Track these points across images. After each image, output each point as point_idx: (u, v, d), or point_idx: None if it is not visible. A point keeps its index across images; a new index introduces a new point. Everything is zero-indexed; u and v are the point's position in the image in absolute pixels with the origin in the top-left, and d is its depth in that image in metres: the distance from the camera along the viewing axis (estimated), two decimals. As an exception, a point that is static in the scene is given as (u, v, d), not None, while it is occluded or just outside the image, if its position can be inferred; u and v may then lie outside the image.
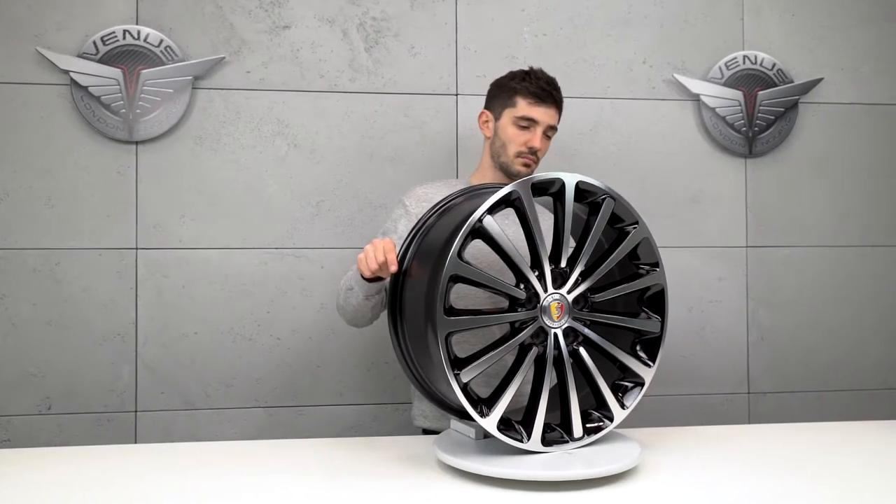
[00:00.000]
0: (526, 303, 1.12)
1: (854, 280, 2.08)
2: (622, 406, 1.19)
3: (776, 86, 2.04)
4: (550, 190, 1.17)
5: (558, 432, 1.15)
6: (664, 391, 2.01)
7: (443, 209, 1.25)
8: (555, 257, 1.13)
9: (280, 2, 1.89)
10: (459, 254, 1.07)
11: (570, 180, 1.14)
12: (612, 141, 2.00)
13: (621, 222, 1.22)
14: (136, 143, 1.83)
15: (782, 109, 2.04)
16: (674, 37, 2.03)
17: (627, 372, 1.22)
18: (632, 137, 2.01)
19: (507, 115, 1.49)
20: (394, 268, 1.19)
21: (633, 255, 1.24)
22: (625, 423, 1.94)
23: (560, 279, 1.15)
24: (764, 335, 2.05)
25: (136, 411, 1.83)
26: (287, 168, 1.89)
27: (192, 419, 1.85)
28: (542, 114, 1.47)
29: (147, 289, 1.84)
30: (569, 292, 1.13)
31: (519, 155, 1.47)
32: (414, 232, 1.23)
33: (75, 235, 1.81)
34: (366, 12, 1.92)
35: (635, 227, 1.20)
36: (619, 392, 1.21)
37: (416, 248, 1.23)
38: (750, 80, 2.03)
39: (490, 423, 1.07)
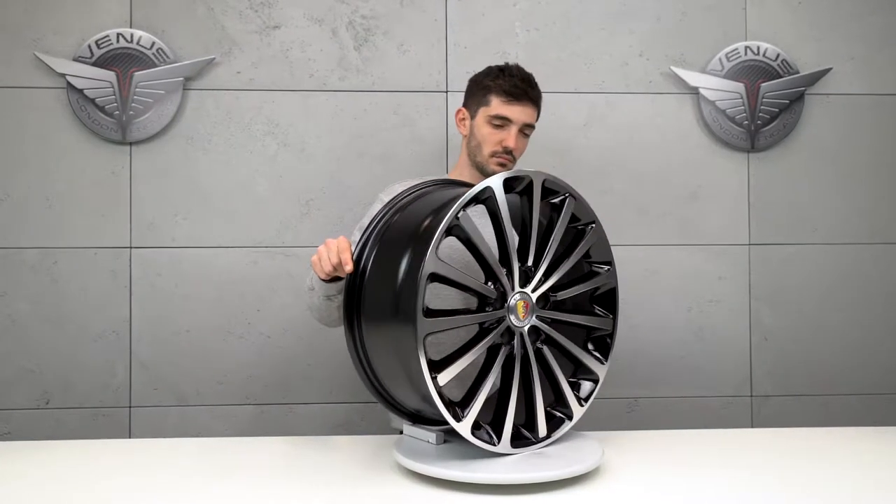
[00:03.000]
0: (495, 302, 1.10)
1: (863, 279, 1.99)
2: (580, 403, 1.18)
3: (780, 77, 1.96)
4: (517, 188, 1.14)
5: (524, 433, 1.13)
6: (662, 393, 1.96)
7: (398, 208, 1.23)
8: (521, 256, 1.11)
9: (270, 2, 1.90)
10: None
11: (538, 179, 1.12)
12: (606, 136, 1.96)
13: (577, 221, 1.20)
14: (130, 143, 1.87)
15: (787, 102, 1.96)
16: (672, 29, 1.97)
17: (581, 369, 1.21)
18: (627, 133, 1.96)
19: (482, 114, 1.46)
20: (349, 268, 1.16)
21: (586, 254, 1.23)
22: (617, 425, 1.91)
23: (524, 278, 1.13)
24: (767, 336, 1.98)
25: (130, 407, 1.87)
26: (277, 167, 1.90)
27: (184, 415, 1.88)
28: (517, 112, 1.44)
29: (141, 287, 1.87)
30: (533, 291, 1.11)
31: (494, 154, 1.45)
32: (370, 231, 1.21)
33: (72, 235, 1.86)
34: (355, 11, 1.92)
35: (592, 227, 1.19)
36: (575, 389, 1.20)
37: (374, 247, 1.20)
38: (752, 72, 1.96)
39: (464, 427, 1.05)
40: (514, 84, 1.43)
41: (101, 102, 1.84)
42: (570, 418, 1.17)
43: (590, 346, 1.23)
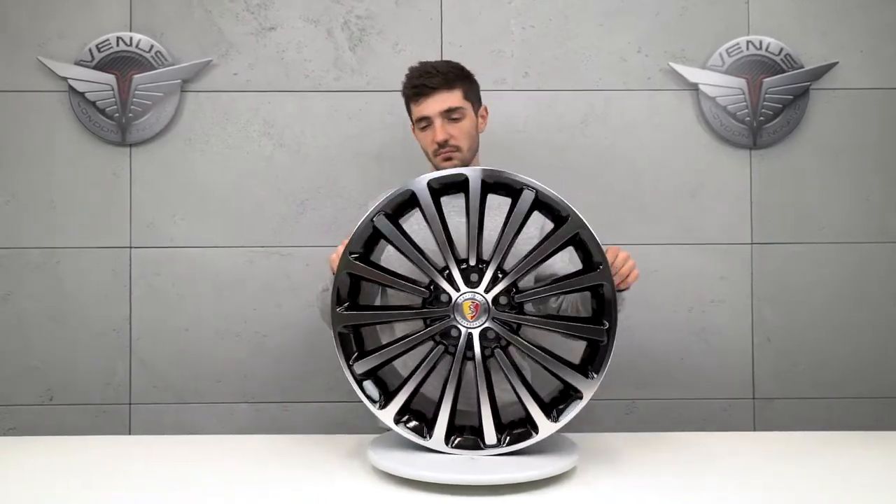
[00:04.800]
0: (435, 301, 1.11)
1: (870, 278, 1.93)
2: (550, 417, 1.09)
3: (784, 72, 1.91)
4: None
5: (473, 437, 1.11)
6: (662, 395, 1.93)
7: None
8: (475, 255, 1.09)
9: (266, 4, 1.92)
10: (353, 252, 1.11)
11: (476, 174, 1.09)
12: (604, 134, 1.93)
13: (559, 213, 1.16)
14: (130, 145, 1.90)
15: (791, 97, 1.92)
16: (671, 24, 1.94)
17: (565, 381, 1.13)
18: (625, 130, 1.93)
19: (413, 123, 1.48)
20: None
21: (588, 252, 1.18)
22: (614, 427, 1.88)
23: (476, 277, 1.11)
24: (771, 337, 1.93)
25: (130, 404, 1.90)
26: (273, 168, 1.92)
27: (182, 412, 1.91)
28: (428, 106, 1.41)
29: (140, 286, 1.90)
30: (487, 291, 1.09)
31: (436, 154, 1.45)
32: None
33: (74, 235, 1.90)
34: (350, 11, 1.93)
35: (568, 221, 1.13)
36: (560, 403, 1.11)
37: None
38: (754, 67, 1.91)
39: (387, 415, 1.08)
40: (412, 84, 1.44)
41: (102, 105, 1.88)
42: (537, 431, 1.10)
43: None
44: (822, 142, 1.93)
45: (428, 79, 1.41)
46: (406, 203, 1.12)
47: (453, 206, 1.22)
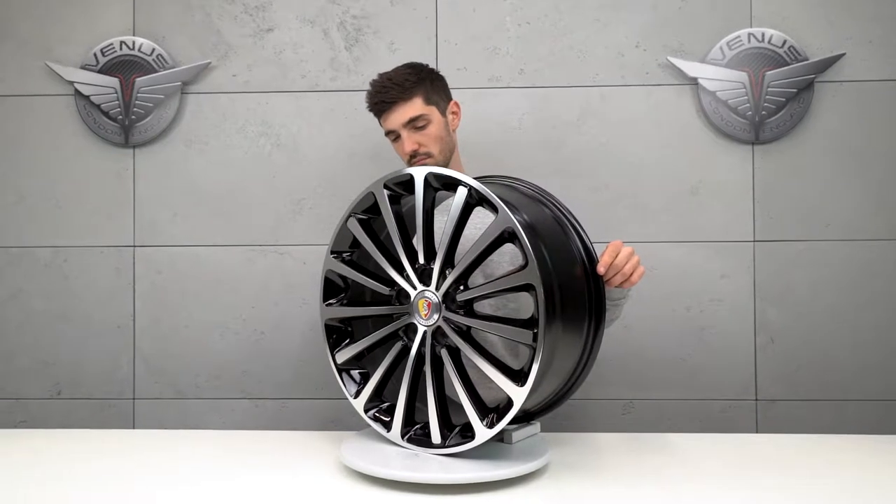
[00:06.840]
0: (399, 298, 1.13)
1: (877, 277, 1.86)
2: (483, 419, 1.03)
3: (787, 65, 1.86)
4: (436, 183, 1.13)
5: (425, 435, 1.11)
6: (659, 395, 1.90)
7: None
8: (429, 254, 1.09)
9: (264, 6, 1.95)
10: (336, 251, 1.17)
11: (419, 174, 1.09)
12: (600, 131, 1.91)
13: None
14: (133, 147, 1.95)
15: (795, 90, 1.86)
16: (670, 17, 1.90)
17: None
18: (622, 126, 1.91)
19: (386, 136, 1.51)
20: None
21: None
22: (610, 427, 1.86)
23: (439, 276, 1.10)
24: (774, 337, 1.88)
25: (133, 399, 1.96)
26: (270, 167, 1.95)
27: (183, 407, 1.95)
28: (391, 121, 1.44)
29: (143, 284, 1.95)
30: (437, 289, 1.08)
31: (410, 164, 1.46)
32: None
33: (80, 234, 1.96)
34: (346, 11, 1.94)
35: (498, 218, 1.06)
36: (501, 409, 1.05)
37: None
38: (756, 60, 1.87)
39: (358, 404, 1.13)
40: (373, 102, 1.46)
41: (106, 108, 1.93)
42: (475, 436, 1.04)
43: None
44: (828, 136, 1.88)
45: (385, 94, 1.43)
46: (372, 207, 1.16)
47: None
